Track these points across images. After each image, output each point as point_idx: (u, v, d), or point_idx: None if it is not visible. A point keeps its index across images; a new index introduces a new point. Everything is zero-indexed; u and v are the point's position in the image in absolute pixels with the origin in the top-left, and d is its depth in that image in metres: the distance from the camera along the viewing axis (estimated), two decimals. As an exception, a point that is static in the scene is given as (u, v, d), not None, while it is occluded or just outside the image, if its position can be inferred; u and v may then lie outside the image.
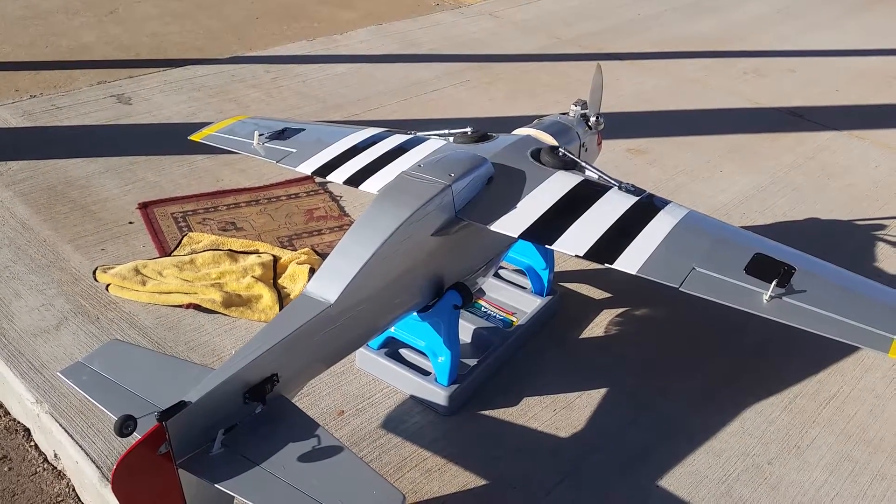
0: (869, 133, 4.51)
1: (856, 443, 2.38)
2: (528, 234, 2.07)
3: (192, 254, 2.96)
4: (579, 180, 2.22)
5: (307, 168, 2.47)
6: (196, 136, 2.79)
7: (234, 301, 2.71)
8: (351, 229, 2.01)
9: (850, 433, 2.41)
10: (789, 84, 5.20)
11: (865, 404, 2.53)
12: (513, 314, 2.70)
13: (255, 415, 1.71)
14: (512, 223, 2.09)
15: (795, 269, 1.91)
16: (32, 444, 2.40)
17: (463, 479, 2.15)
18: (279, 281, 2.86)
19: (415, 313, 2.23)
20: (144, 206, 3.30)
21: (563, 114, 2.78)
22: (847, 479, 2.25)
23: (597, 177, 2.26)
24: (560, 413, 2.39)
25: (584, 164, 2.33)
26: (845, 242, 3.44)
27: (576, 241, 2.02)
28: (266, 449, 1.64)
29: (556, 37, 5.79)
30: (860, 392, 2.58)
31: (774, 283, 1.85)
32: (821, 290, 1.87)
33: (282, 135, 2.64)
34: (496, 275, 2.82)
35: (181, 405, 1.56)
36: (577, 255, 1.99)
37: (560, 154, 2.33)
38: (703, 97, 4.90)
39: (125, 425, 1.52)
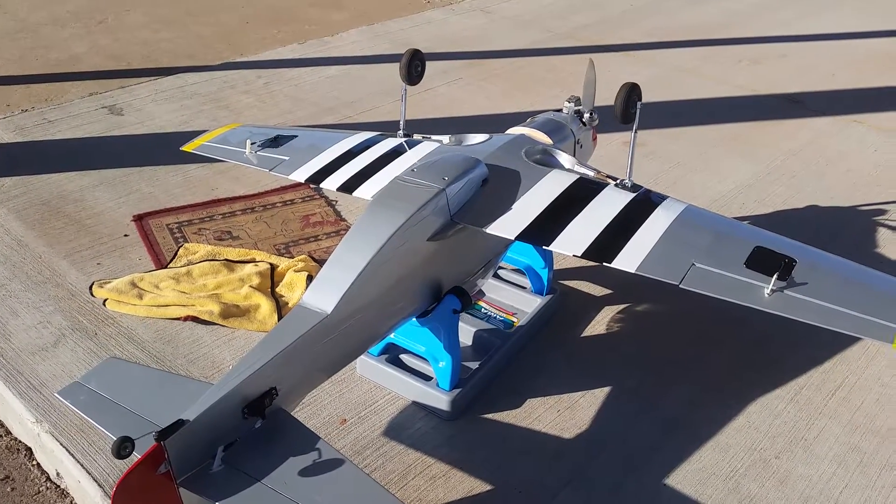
0: (866, 117, 4.48)
1: (863, 433, 2.36)
2: (524, 236, 2.05)
3: (188, 265, 2.94)
4: (575, 179, 2.20)
5: (300, 176, 2.45)
6: (188, 147, 2.77)
7: (232, 312, 2.69)
8: (345, 237, 1.99)
9: (857, 423, 2.39)
10: (786, 70, 5.16)
11: (872, 393, 2.51)
12: (513, 315, 2.68)
13: (255, 430, 1.70)
14: (508, 225, 2.07)
15: (796, 262, 1.89)
16: (34, 463, 2.39)
17: (468, 485, 2.13)
18: (277, 289, 2.83)
19: (414, 319, 2.21)
20: (139, 219, 3.28)
21: (557, 111, 2.75)
22: (856, 471, 2.23)
23: (593, 175, 2.24)
24: (564, 414, 2.37)
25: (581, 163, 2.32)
26: (846, 229, 3.42)
27: (573, 241, 2.00)
28: (267, 464, 1.62)
29: (550, 30, 5.76)
30: (866, 381, 2.55)
31: (775, 276, 1.83)
32: (822, 282, 1.85)
33: (274, 142, 2.61)
34: (495, 275, 2.80)
35: (179, 424, 1.55)
36: (574, 255, 1.97)
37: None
38: (699, 86, 4.87)
39: (122, 447, 1.51)
